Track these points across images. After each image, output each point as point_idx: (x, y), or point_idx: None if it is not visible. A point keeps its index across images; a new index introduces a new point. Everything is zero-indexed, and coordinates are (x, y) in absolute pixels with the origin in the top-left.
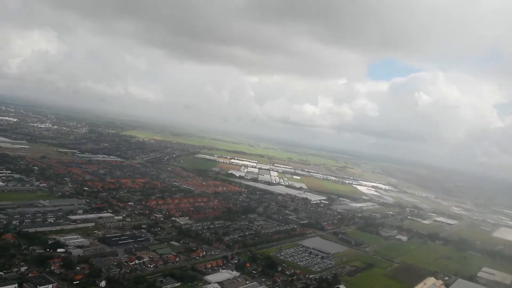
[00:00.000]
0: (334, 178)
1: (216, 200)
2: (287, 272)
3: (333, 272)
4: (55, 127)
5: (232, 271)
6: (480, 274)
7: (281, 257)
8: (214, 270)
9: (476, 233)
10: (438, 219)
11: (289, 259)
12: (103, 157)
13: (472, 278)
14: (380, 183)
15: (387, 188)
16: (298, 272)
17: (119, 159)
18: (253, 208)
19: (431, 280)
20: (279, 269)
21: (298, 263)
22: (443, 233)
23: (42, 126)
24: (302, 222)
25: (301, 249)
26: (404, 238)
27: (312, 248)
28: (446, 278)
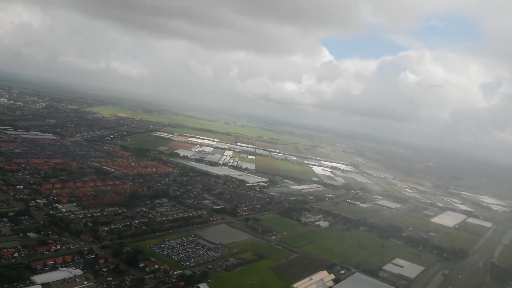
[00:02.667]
0: (294, 158)
1: (131, 183)
2: (147, 269)
3: (209, 267)
4: (10, 102)
5: (75, 269)
6: (386, 266)
7: (157, 250)
8: (54, 268)
9: (414, 218)
10: (380, 202)
11: (165, 252)
12: (36, 135)
13: (376, 271)
14: (342, 163)
15: (345, 169)
16: (163, 268)
17: (53, 137)
18: (166, 192)
19: (321, 275)
20: (141, 265)
21: (173, 257)
22: (375, 218)
23: None
24: (215, 208)
25: (190, 239)
26: (325, 224)
27: (203, 238)
28: (343, 272)
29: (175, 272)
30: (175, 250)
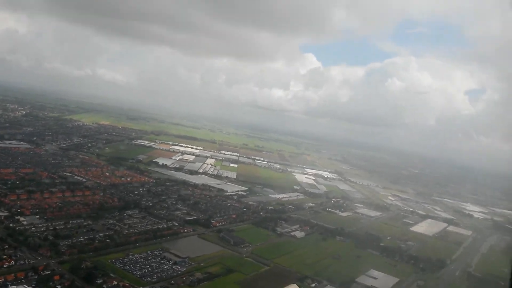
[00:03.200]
0: (277, 166)
1: (101, 194)
2: (105, 286)
3: (172, 282)
4: None
5: (27, 287)
6: (360, 278)
7: (119, 264)
8: (3, 287)
9: (393, 227)
10: (360, 210)
11: (127, 267)
12: (10, 143)
13: (348, 283)
14: (327, 171)
15: (329, 176)
16: (121, 284)
17: (27, 146)
18: (138, 203)
19: None
20: (99, 281)
21: (134, 272)
22: (353, 228)
23: None
24: (188, 219)
25: (156, 253)
26: (301, 234)
27: (170, 252)
28: (313, 285)
29: None
30: (138, 265)
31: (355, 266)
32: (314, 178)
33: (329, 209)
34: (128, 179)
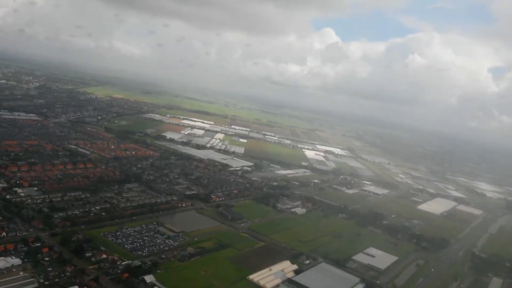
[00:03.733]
0: (288, 142)
1: (104, 167)
2: (93, 259)
3: (163, 256)
4: (3, 81)
5: (14, 258)
6: (357, 256)
7: (111, 238)
8: None
9: (400, 205)
10: (367, 188)
11: (119, 241)
12: (18, 115)
13: (345, 261)
14: (338, 148)
15: (340, 153)
16: (111, 258)
17: (36, 118)
18: (139, 176)
19: (283, 265)
20: (88, 254)
21: (126, 245)
22: (358, 205)
23: None
24: (188, 193)
25: (150, 227)
26: (302, 211)
27: (165, 226)
28: (307, 262)
29: (123, 263)
30: (130, 239)
31: (354, 243)
32: (324, 155)
33: (335, 186)
34: (133, 152)
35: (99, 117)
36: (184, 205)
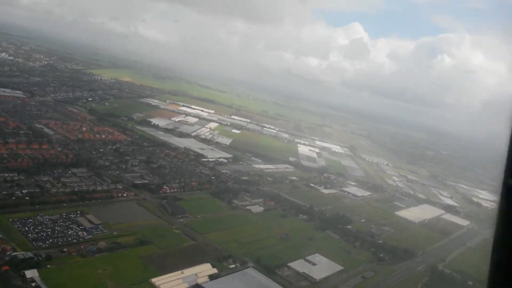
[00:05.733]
0: (286, 136)
1: (60, 149)
2: None
3: (64, 250)
4: (10, 57)
5: None
6: (295, 263)
7: (18, 225)
8: None
9: (377, 209)
10: (348, 189)
11: (25, 229)
12: (4, 91)
13: (279, 267)
14: (339, 145)
15: (338, 151)
16: (2, 247)
17: (21, 95)
18: (92, 161)
19: (200, 268)
20: None
21: (29, 235)
22: (327, 206)
23: None
24: (137, 182)
25: (71, 216)
26: (259, 210)
27: (86, 216)
28: (233, 266)
29: (13, 253)
30: (38, 228)
31: (300, 248)
32: (318, 151)
33: (312, 185)
34: (103, 136)
35: (91, 99)
36: (126, 194)
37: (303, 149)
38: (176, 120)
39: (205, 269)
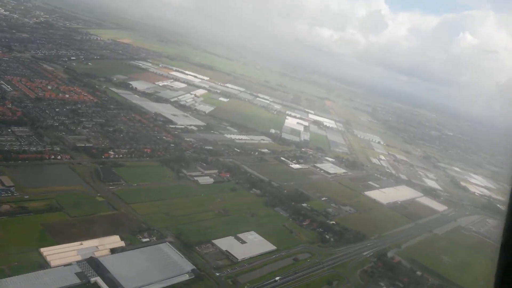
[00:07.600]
0: (277, 107)
1: (9, 106)
2: None
3: None
4: (7, 13)
5: None
6: (223, 239)
7: None
8: None
9: (345, 188)
10: (321, 165)
11: None
12: None
13: (202, 243)
14: (333, 120)
15: (329, 126)
16: None
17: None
18: (38, 120)
19: (105, 240)
20: None
21: None
22: (290, 182)
23: None
24: (79, 145)
25: None
26: (208, 181)
27: (0, 177)
28: (147, 240)
29: None
30: None
31: (237, 225)
32: (307, 125)
33: (283, 159)
34: (67, 95)
35: (74, 57)
36: (60, 157)
37: (290, 122)
38: (161, 84)
39: (110, 242)
